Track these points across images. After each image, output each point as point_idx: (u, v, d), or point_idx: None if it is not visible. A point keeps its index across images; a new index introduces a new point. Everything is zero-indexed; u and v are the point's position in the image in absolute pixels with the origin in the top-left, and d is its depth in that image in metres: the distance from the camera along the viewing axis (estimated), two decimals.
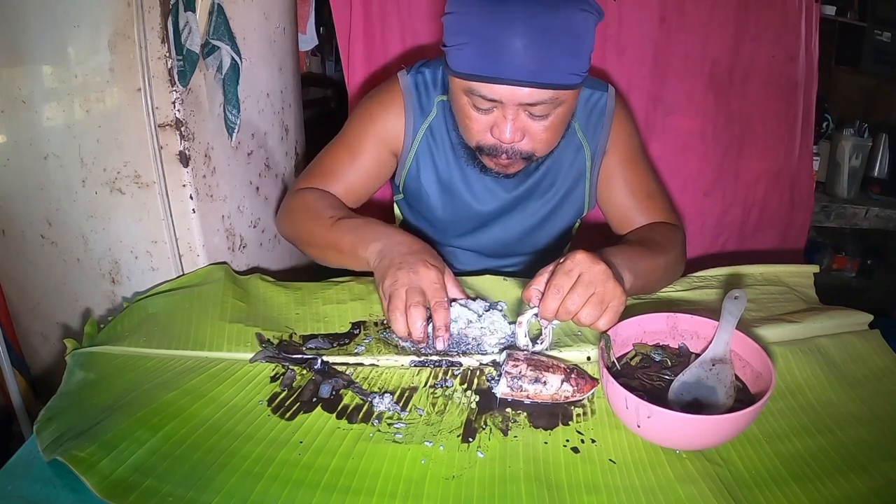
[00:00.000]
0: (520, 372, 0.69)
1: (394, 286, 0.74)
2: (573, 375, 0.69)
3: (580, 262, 0.70)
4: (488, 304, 0.83)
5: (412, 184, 1.01)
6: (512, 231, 1.04)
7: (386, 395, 0.69)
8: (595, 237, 1.09)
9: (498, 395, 0.70)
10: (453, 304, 0.84)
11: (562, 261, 0.72)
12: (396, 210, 1.14)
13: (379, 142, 0.98)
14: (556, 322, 0.74)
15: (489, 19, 0.75)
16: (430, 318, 0.75)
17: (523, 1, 0.74)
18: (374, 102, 0.99)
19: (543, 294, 0.71)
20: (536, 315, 0.73)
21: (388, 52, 1.34)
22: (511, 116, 0.80)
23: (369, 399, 0.69)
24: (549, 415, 0.68)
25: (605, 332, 0.71)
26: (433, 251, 0.81)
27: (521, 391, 0.69)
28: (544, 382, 0.68)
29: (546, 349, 0.76)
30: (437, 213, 1.02)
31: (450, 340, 0.78)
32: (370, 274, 0.83)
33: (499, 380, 0.70)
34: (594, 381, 0.70)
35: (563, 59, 0.76)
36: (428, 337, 0.75)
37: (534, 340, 0.76)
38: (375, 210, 1.40)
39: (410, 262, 0.76)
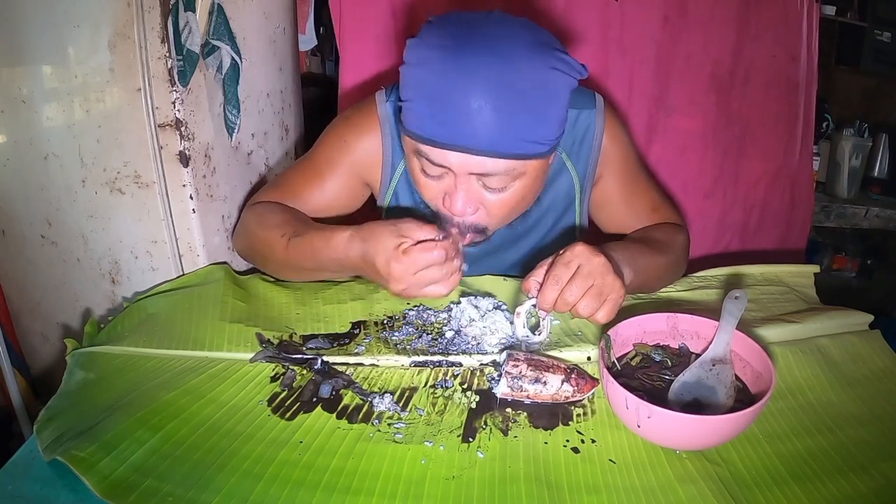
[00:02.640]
0: (520, 372, 0.69)
1: (401, 274, 0.70)
2: (573, 375, 0.69)
3: (580, 254, 0.69)
4: (494, 303, 0.83)
5: (396, 216, 0.92)
6: (504, 264, 0.99)
7: (386, 395, 0.69)
8: (594, 238, 1.09)
9: (498, 395, 0.70)
10: (461, 300, 0.84)
11: (561, 252, 0.71)
12: None
13: (350, 170, 0.91)
14: (554, 313, 0.73)
15: (443, 75, 0.67)
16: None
17: (484, 56, 0.66)
18: (349, 126, 0.91)
19: (542, 285, 0.70)
20: (535, 306, 0.73)
21: (380, 56, 1.33)
22: (463, 186, 0.73)
23: (369, 399, 0.69)
24: (550, 415, 0.68)
25: (606, 331, 0.71)
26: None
27: (522, 391, 0.69)
28: (544, 382, 0.68)
29: (544, 340, 0.76)
30: None
31: (450, 339, 0.79)
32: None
33: (499, 380, 0.70)
34: (594, 381, 0.70)
35: (524, 126, 0.69)
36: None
37: (532, 331, 0.76)
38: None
39: (386, 224, 0.72)
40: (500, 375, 0.70)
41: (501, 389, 0.69)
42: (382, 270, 0.71)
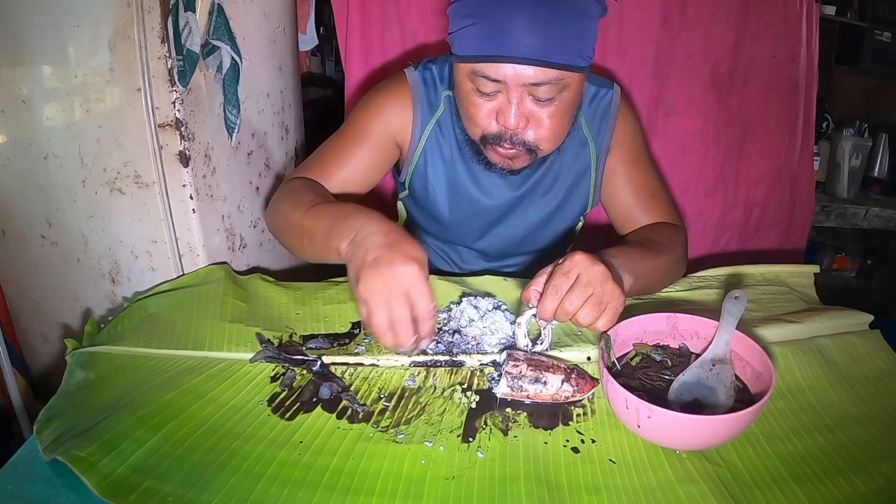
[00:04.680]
0: (520, 372, 0.69)
1: (369, 293, 0.64)
2: (573, 375, 0.69)
3: (579, 263, 0.70)
4: (494, 303, 0.83)
5: (419, 180, 1.00)
6: (518, 229, 1.03)
7: (381, 399, 0.69)
8: (597, 238, 1.09)
9: (498, 395, 0.70)
10: (461, 300, 0.84)
11: (561, 262, 0.72)
12: (401, 208, 1.13)
13: (386, 131, 0.96)
14: (554, 322, 0.74)
15: (494, 1, 0.76)
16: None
17: None
18: (381, 94, 0.97)
19: (542, 295, 0.71)
20: (535, 316, 0.73)
21: (386, 53, 1.34)
22: (516, 100, 0.79)
23: (362, 410, 0.67)
24: (550, 415, 0.68)
25: (606, 332, 0.71)
26: (410, 237, 0.69)
27: (522, 391, 0.69)
28: (544, 382, 0.68)
29: (546, 350, 0.76)
30: (443, 211, 1.01)
31: (450, 339, 0.79)
32: None
33: (499, 380, 0.70)
34: (594, 381, 0.70)
35: (567, 40, 0.77)
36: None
37: (533, 341, 0.76)
38: (377, 209, 1.40)
39: (387, 257, 0.64)
40: (500, 375, 0.70)
41: (501, 389, 0.69)
42: (370, 255, 0.65)
